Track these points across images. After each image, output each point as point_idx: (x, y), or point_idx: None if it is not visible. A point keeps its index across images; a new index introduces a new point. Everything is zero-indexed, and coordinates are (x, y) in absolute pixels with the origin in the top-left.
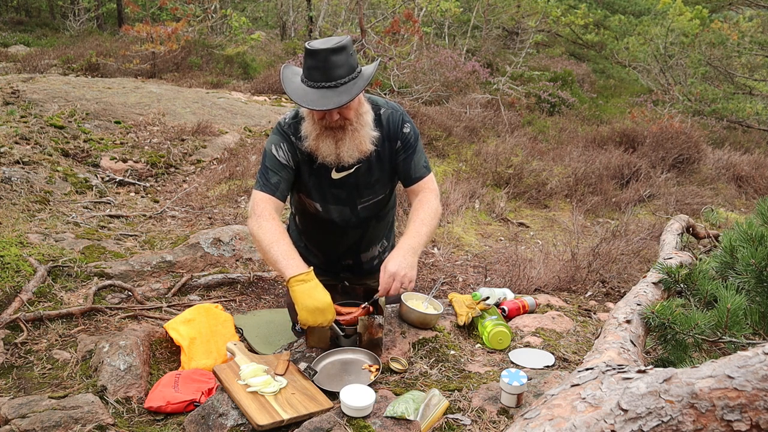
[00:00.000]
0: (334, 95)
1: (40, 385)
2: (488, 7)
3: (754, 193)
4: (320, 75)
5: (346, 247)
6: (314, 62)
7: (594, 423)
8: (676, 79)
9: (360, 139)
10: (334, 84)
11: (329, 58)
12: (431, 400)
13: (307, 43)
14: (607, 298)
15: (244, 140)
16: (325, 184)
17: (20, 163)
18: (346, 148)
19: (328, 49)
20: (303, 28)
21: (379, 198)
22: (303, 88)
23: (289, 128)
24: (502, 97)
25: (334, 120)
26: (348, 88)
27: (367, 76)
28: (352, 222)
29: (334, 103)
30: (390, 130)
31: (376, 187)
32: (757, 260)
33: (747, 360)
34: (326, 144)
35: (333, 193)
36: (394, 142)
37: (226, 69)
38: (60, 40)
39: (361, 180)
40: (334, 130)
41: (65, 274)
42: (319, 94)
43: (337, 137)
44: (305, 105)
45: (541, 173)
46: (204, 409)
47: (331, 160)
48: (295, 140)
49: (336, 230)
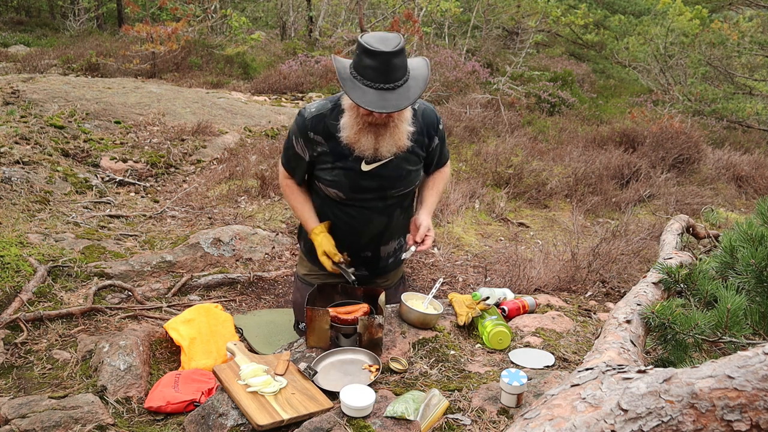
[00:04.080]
0: (393, 97)
1: (40, 385)
2: (488, 7)
3: (754, 193)
4: (379, 76)
5: (369, 238)
6: (374, 63)
7: (594, 423)
8: (676, 79)
9: (399, 135)
10: (392, 86)
11: (391, 61)
12: (431, 400)
13: (363, 40)
14: (607, 298)
15: (244, 140)
16: (352, 175)
17: (20, 163)
18: (386, 144)
19: (390, 52)
20: (303, 28)
21: (408, 190)
22: (360, 88)
23: (310, 122)
24: (502, 97)
25: (380, 118)
26: (405, 91)
27: (423, 78)
28: (379, 208)
29: (393, 106)
30: (426, 126)
31: (407, 179)
32: (757, 260)
33: (747, 360)
34: (367, 138)
35: (361, 184)
36: (431, 138)
37: (226, 69)
38: (60, 40)
39: (392, 172)
40: (377, 126)
41: (65, 274)
42: (378, 96)
43: (379, 133)
44: (366, 106)
45: (541, 173)
46: (204, 409)
47: (369, 154)
48: (314, 135)
49: (362, 216)
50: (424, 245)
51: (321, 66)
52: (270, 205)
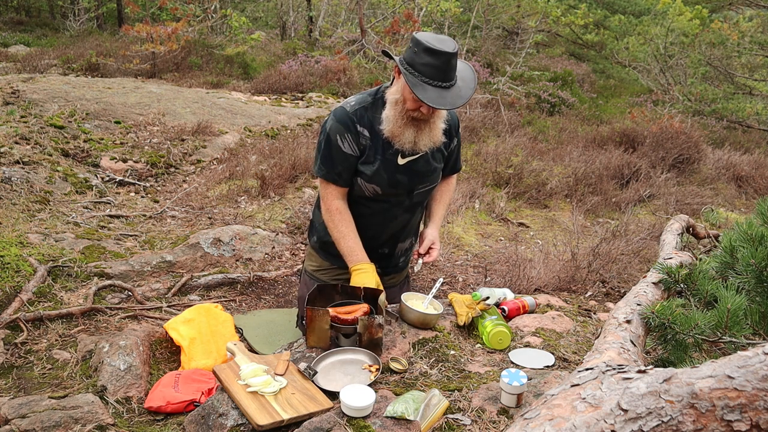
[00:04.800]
0: (450, 95)
1: (40, 385)
2: (488, 7)
3: (754, 193)
4: (439, 75)
5: (390, 234)
6: (435, 61)
7: (594, 423)
8: (676, 79)
9: (436, 131)
10: (449, 85)
11: (451, 61)
12: (431, 400)
13: (422, 39)
14: (607, 298)
15: (244, 140)
16: (390, 168)
17: (20, 163)
18: (424, 138)
19: (452, 53)
20: (303, 28)
21: (433, 185)
22: (421, 84)
23: (354, 115)
24: (502, 97)
25: (425, 114)
26: (458, 90)
27: (471, 79)
28: (405, 205)
29: (450, 104)
30: (452, 126)
31: (432, 175)
32: (757, 260)
33: (747, 360)
34: (409, 132)
35: (396, 178)
36: (453, 138)
37: (226, 69)
38: (60, 40)
39: (422, 167)
40: (419, 121)
41: (65, 274)
42: (437, 93)
43: (420, 128)
44: (429, 102)
45: (541, 173)
46: (204, 409)
47: (408, 147)
48: (361, 128)
49: (390, 213)
50: (429, 257)
51: (321, 66)
52: (270, 205)
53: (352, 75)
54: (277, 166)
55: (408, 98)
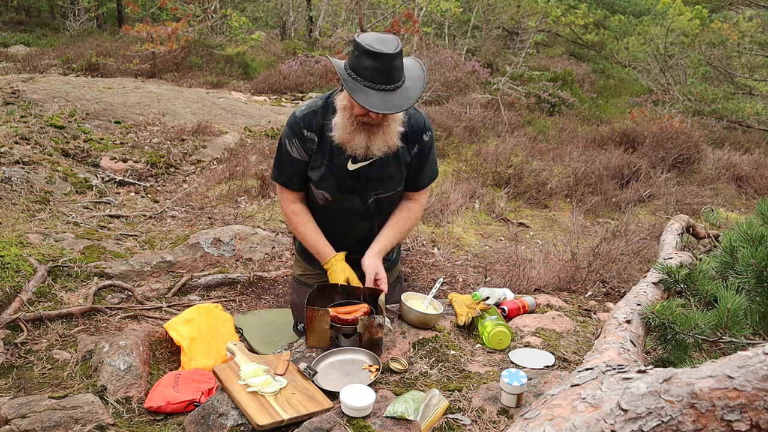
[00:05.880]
0: (394, 98)
1: (40, 385)
2: (488, 7)
3: (754, 193)
4: (381, 78)
5: (354, 240)
6: (375, 64)
7: (594, 423)
8: (676, 79)
9: (390, 135)
10: (393, 87)
11: (392, 62)
12: (431, 400)
13: (361, 41)
14: (607, 298)
15: (244, 140)
16: (339, 174)
17: (20, 163)
18: (377, 143)
19: (392, 54)
20: (303, 28)
21: (391, 194)
22: (362, 89)
23: (302, 120)
24: (502, 97)
25: (376, 118)
26: (404, 92)
27: (420, 78)
28: (361, 213)
29: (395, 107)
30: (412, 132)
31: (389, 182)
32: (757, 260)
33: (747, 360)
34: (360, 138)
35: (346, 184)
36: (413, 145)
37: (226, 69)
38: (60, 40)
39: (375, 173)
40: (370, 126)
41: (65, 274)
42: (380, 97)
43: (372, 132)
44: (370, 108)
45: (541, 173)
46: (204, 409)
47: (361, 153)
48: (308, 133)
49: (345, 221)
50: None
51: (321, 66)
52: (270, 205)
53: None
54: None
55: (355, 104)
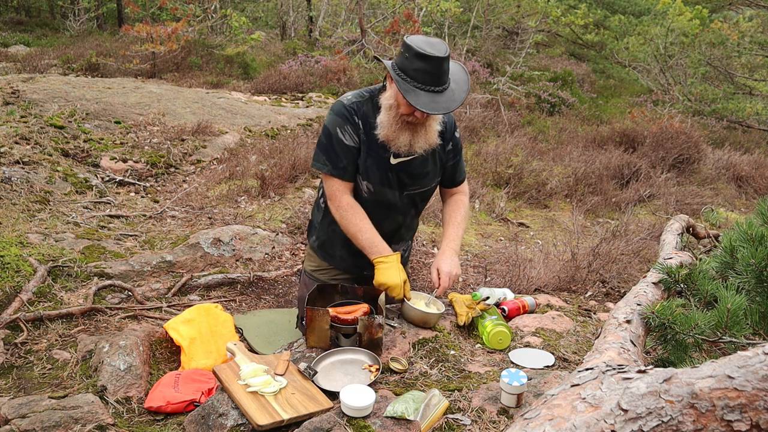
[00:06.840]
0: (443, 100)
1: (40, 385)
2: (488, 7)
3: (754, 193)
4: (431, 79)
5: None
6: (426, 66)
7: (594, 423)
8: (676, 79)
9: (431, 133)
10: (441, 89)
11: (443, 65)
12: (431, 400)
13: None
14: (607, 298)
15: (244, 140)
16: (382, 167)
17: (20, 163)
18: (420, 141)
19: (443, 57)
20: (303, 28)
21: (425, 189)
22: (413, 90)
23: (352, 108)
24: (502, 97)
25: (420, 118)
26: (451, 94)
27: (464, 81)
28: (396, 206)
29: (444, 108)
30: (447, 130)
31: (425, 178)
32: (757, 260)
33: (747, 360)
34: (404, 136)
35: (387, 177)
36: (447, 142)
37: (226, 69)
38: (60, 40)
39: (415, 169)
40: (414, 124)
41: (65, 274)
42: (429, 98)
43: (415, 131)
44: (422, 108)
45: (541, 173)
46: (204, 409)
47: (404, 150)
48: (359, 120)
49: (380, 213)
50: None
51: (321, 66)
52: (270, 205)
53: (352, 75)
54: (277, 166)
55: (402, 103)
